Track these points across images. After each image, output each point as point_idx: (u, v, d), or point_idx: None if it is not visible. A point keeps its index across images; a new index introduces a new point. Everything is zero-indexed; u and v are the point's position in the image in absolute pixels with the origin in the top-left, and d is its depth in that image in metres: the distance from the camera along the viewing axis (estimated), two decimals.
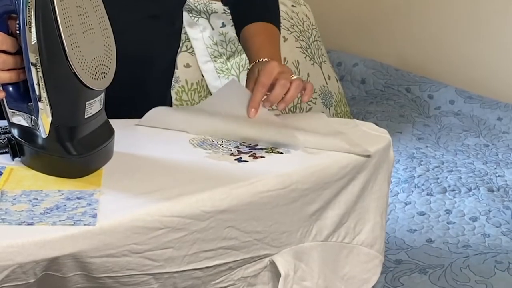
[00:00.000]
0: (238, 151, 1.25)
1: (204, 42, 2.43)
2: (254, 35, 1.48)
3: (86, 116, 1.11)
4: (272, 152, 1.25)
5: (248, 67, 1.41)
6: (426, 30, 3.03)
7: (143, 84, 1.46)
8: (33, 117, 1.11)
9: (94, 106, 1.12)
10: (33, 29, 1.05)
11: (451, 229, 1.97)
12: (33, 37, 1.05)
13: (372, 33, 3.17)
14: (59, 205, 1.03)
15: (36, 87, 1.08)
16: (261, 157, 1.23)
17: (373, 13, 3.16)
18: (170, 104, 1.62)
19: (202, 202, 1.08)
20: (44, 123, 1.10)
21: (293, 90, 1.31)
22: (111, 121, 1.19)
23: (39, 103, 1.09)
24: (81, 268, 1.00)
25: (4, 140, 1.17)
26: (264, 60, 1.38)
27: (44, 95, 1.08)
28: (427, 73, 2.99)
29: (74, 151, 1.11)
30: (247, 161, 1.21)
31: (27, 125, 1.13)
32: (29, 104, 1.11)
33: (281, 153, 1.25)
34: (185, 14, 2.41)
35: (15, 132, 1.15)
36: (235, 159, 1.21)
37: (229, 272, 1.15)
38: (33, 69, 1.07)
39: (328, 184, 1.21)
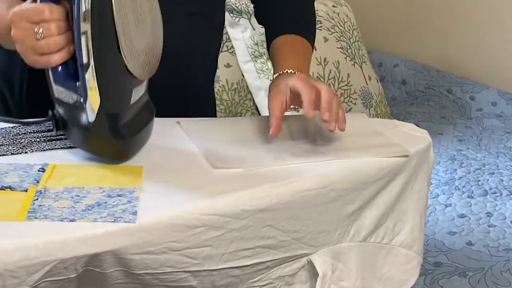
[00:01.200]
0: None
1: (245, 42, 2.43)
2: (279, 47, 1.42)
3: (131, 103, 1.14)
4: None
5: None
6: (468, 31, 2.99)
7: (184, 81, 1.46)
8: (79, 96, 1.12)
9: (139, 91, 1.14)
10: (87, 17, 1.06)
11: (492, 232, 1.95)
12: (85, 26, 1.06)
13: (413, 33, 3.14)
14: (100, 202, 1.04)
15: (86, 74, 1.09)
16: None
17: (414, 14, 3.13)
18: (213, 102, 1.62)
19: (241, 200, 1.08)
20: (92, 108, 1.11)
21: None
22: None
23: (89, 90, 1.10)
24: (121, 265, 1.01)
25: (50, 115, 1.19)
26: (288, 71, 1.30)
27: (94, 84, 1.09)
28: (469, 74, 2.96)
29: (118, 136, 1.13)
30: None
31: (71, 102, 1.14)
32: (77, 83, 1.12)
33: None
34: (226, 14, 2.41)
35: (59, 108, 1.17)
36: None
37: (266, 271, 1.15)
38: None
39: (367, 185, 1.20)
